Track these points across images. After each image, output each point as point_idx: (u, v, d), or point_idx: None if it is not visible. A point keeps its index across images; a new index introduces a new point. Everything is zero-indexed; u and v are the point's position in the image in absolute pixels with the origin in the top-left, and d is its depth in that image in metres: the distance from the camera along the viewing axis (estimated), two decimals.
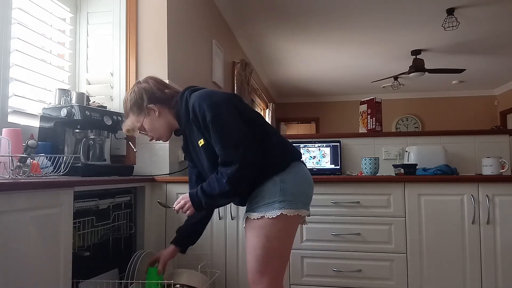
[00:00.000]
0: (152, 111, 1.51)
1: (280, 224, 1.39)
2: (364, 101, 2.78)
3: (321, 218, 2.09)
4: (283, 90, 7.91)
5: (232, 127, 1.36)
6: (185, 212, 1.46)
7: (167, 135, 1.57)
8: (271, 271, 1.41)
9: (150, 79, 1.57)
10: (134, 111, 1.52)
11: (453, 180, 2.02)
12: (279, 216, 1.37)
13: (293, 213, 1.39)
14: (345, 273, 2.05)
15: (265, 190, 1.40)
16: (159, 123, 1.52)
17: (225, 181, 1.33)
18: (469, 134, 2.57)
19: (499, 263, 1.94)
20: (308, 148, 2.64)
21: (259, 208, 1.41)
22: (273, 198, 1.38)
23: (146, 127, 1.53)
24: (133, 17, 2.44)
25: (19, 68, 1.93)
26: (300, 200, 1.42)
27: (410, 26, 4.52)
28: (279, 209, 1.37)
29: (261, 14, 4.20)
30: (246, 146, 1.34)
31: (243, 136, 1.35)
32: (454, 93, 8.08)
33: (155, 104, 1.51)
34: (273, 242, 1.40)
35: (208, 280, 1.92)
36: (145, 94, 1.50)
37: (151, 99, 1.50)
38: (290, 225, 1.44)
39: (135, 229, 2.07)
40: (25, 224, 1.21)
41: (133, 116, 1.53)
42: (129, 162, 2.37)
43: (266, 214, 1.38)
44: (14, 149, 1.50)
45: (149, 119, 1.51)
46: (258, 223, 1.40)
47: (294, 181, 1.42)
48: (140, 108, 1.51)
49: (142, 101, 1.50)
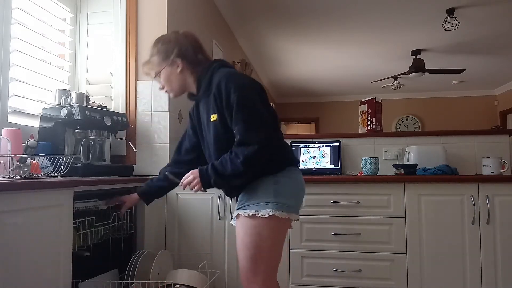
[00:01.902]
0: (175, 65, 1.51)
1: (272, 224, 1.39)
2: (364, 101, 2.78)
3: (321, 218, 2.09)
4: (283, 90, 7.91)
5: (257, 109, 1.38)
6: (192, 188, 1.45)
7: (178, 93, 1.58)
8: (264, 270, 1.42)
9: (190, 36, 1.57)
10: (160, 55, 1.52)
11: (453, 180, 2.02)
12: (271, 216, 1.37)
13: (284, 216, 1.39)
14: (345, 273, 2.05)
15: (258, 188, 1.41)
16: (176, 78, 1.53)
17: (239, 161, 1.33)
18: (469, 134, 2.57)
19: (499, 263, 1.94)
20: (308, 148, 2.64)
21: (251, 206, 1.40)
22: (267, 198, 1.39)
23: (163, 75, 1.53)
24: (133, 17, 2.44)
25: (19, 68, 1.93)
26: (292, 204, 1.43)
27: (410, 26, 4.52)
28: (272, 209, 1.37)
29: (261, 14, 4.20)
30: (268, 131, 1.36)
31: (266, 121, 1.38)
32: (454, 93, 8.08)
33: (182, 60, 1.50)
34: (266, 242, 1.40)
35: (208, 280, 1.92)
36: (177, 46, 1.51)
37: (180, 54, 1.50)
38: (282, 227, 1.44)
39: (135, 229, 2.07)
40: (25, 224, 1.21)
41: (157, 59, 1.52)
42: (129, 162, 2.37)
43: (258, 212, 1.38)
44: (14, 149, 1.50)
45: (169, 70, 1.51)
46: (251, 221, 1.40)
47: (288, 185, 1.43)
48: (167, 56, 1.51)
49: (172, 51, 1.50)
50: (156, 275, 1.83)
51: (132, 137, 2.38)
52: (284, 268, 2.09)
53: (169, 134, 2.39)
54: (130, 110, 2.40)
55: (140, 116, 2.40)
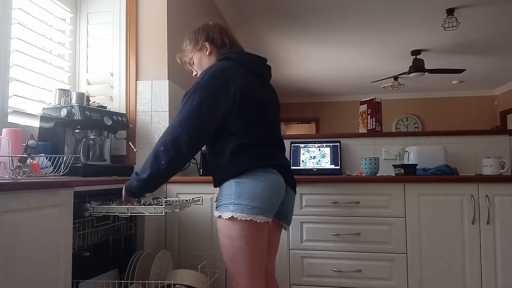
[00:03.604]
0: (204, 49, 1.62)
1: (240, 225, 1.40)
2: (364, 101, 2.78)
3: (321, 218, 2.09)
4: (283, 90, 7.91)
5: (191, 109, 1.42)
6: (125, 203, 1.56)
7: None
8: (247, 270, 1.43)
9: (218, 24, 1.70)
10: (192, 43, 1.65)
11: (453, 180, 2.02)
12: (231, 218, 1.39)
13: (245, 218, 1.39)
14: (345, 273, 2.05)
15: (224, 191, 1.45)
16: (205, 61, 1.62)
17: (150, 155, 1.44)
18: (469, 134, 2.57)
19: (499, 263, 1.94)
20: (308, 148, 2.64)
21: (219, 207, 1.45)
22: (229, 200, 1.41)
23: (195, 60, 1.65)
24: (133, 17, 2.44)
25: (19, 68, 1.93)
26: (257, 206, 1.40)
27: (410, 26, 4.52)
28: (231, 211, 1.39)
29: (261, 14, 4.20)
30: (189, 129, 1.40)
31: (196, 120, 1.42)
32: (454, 93, 8.08)
33: (210, 44, 1.62)
34: (239, 242, 1.41)
35: (208, 280, 1.92)
36: (204, 31, 1.64)
37: (208, 38, 1.62)
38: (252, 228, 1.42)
39: (135, 229, 2.07)
40: (25, 224, 1.21)
41: (189, 47, 1.65)
42: (129, 162, 2.37)
43: (222, 214, 1.42)
44: (14, 149, 1.50)
45: (200, 54, 1.63)
46: (220, 222, 1.44)
47: (252, 187, 1.41)
48: (197, 42, 1.63)
49: (201, 37, 1.63)
50: (156, 275, 1.83)
51: (132, 137, 2.38)
52: (284, 268, 2.10)
53: None
54: (130, 110, 2.40)
55: (140, 116, 2.40)
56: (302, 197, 2.11)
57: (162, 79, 2.41)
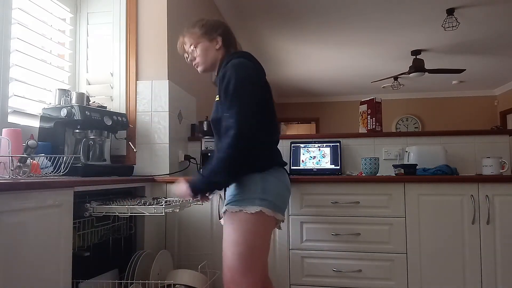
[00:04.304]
0: (215, 41, 1.58)
1: (260, 221, 1.38)
2: (364, 101, 2.78)
3: (321, 218, 2.09)
4: (283, 90, 7.91)
5: (246, 101, 1.39)
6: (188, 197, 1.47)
7: (208, 68, 1.62)
8: (253, 270, 1.39)
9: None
10: (204, 29, 1.58)
11: (453, 180, 2.02)
12: (258, 213, 1.37)
13: (271, 214, 1.40)
14: (345, 273, 2.05)
15: (246, 185, 1.42)
16: (212, 54, 1.59)
17: (222, 151, 1.37)
18: (469, 134, 2.57)
19: (499, 263, 1.94)
20: (308, 148, 2.64)
21: (238, 202, 1.41)
22: (254, 194, 1.39)
23: (199, 48, 1.58)
24: (133, 17, 2.44)
25: (19, 68, 1.93)
26: (278, 204, 1.43)
27: (410, 26, 4.52)
28: (259, 206, 1.37)
29: (261, 14, 4.20)
30: (251, 120, 1.37)
31: (253, 112, 1.39)
32: (454, 93, 8.08)
33: (223, 40, 1.58)
34: (254, 238, 1.39)
35: (208, 280, 1.92)
36: (222, 27, 1.61)
37: (223, 34, 1.59)
38: (268, 225, 1.44)
39: (135, 229, 2.07)
40: (25, 224, 1.21)
41: (199, 31, 1.58)
42: (129, 162, 2.37)
43: (245, 208, 1.39)
44: (14, 149, 1.50)
45: (208, 44, 1.58)
46: (239, 217, 1.40)
47: (276, 184, 1.44)
48: (212, 31, 1.58)
49: (218, 29, 1.59)
50: (156, 275, 1.83)
51: (132, 137, 2.38)
52: (284, 268, 2.10)
53: (169, 134, 2.39)
54: (130, 110, 2.40)
55: (140, 116, 2.40)
56: (302, 197, 2.11)
57: (162, 79, 2.41)
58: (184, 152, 2.64)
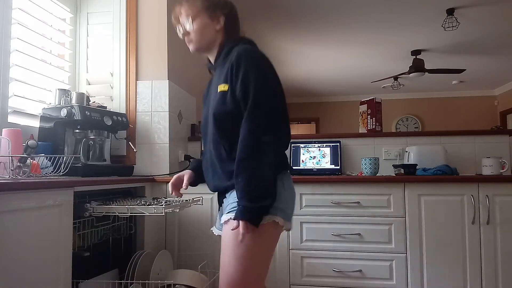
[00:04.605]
0: (216, 20, 1.36)
1: (269, 232, 1.20)
2: (364, 101, 2.78)
3: (321, 218, 2.09)
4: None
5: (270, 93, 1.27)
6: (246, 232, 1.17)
7: (201, 48, 1.40)
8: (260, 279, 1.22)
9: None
10: (208, 4, 1.36)
11: (453, 180, 2.02)
12: (270, 223, 1.17)
13: (283, 223, 1.21)
14: (345, 273, 2.05)
15: None
16: (210, 33, 1.36)
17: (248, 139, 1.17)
18: (469, 134, 2.57)
19: (499, 263, 1.94)
20: (308, 148, 2.64)
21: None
22: None
23: (197, 23, 1.35)
24: (133, 17, 2.44)
25: (19, 68, 1.93)
26: (289, 212, 1.26)
27: (410, 26, 4.52)
28: (272, 214, 1.17)
29: (261, 14, 4.20)
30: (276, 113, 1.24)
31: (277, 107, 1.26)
32: (454, 93, 8.07)
33: (225, 21, 1.37)
34: (263, 253, 1.21)
35: (208, 280, 1.92)
36: (229, 7, 1.39)
37: (227, 14, 1.38)
38: (276, 237, 1.25)
39: (135, 229, 2.07)
40: (25, 224, 1.21)
41: (201, 5, 1.36)
42: (129, 162, 2.37)
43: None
44: (14, 149, 1.50)
45: (208, 21, 1.36)
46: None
47: (286, 189, 1.26)
48: (215, 8, 1.36)
49: (223, 7, 1.38)
50: (156, 275, 1.83)
51: (132, 137, 2.38)
52: (284, 268, 2.09)
53: (169, 134, 2.39)
54: (130, 110, 2.40)
55: (140, 116, 2.40)
56: (302, 197, 2.11)
57: (162, 79, 2.41)
58: (184, 152, 2.64)
